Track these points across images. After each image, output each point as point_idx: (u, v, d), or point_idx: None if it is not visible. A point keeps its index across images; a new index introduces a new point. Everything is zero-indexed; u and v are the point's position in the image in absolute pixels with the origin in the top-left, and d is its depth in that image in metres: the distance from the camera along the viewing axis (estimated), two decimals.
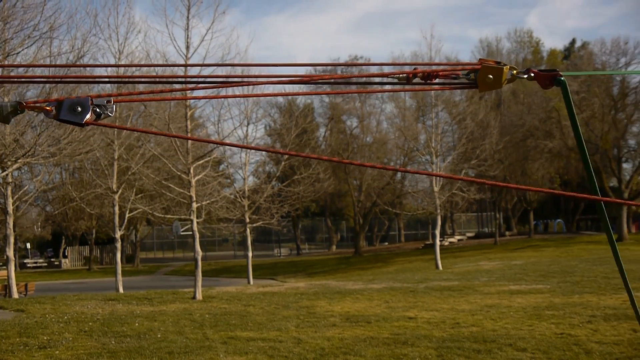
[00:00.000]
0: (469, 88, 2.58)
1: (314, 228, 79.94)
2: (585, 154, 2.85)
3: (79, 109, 2.30)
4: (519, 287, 21.00)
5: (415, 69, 2.58)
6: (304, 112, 46.02)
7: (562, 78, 2.56)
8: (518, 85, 58.06)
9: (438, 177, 37.32)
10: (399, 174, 59.37)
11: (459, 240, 62.05)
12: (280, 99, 59.63)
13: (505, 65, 2.52)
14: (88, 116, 2.30)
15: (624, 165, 54.75)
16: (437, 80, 2.57)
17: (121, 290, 26.06)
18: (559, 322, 13.31)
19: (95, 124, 2.38)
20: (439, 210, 37.42)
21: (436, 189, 37.06)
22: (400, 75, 2.56)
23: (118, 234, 26.98)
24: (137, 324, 15.06)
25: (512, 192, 61.08)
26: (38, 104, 2.35)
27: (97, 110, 2.34)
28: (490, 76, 2.50)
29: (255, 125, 34.58)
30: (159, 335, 13.41)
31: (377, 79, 2.74)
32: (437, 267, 34.81)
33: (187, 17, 23.13)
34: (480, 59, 2.54)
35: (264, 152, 52.51)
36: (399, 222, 73.58)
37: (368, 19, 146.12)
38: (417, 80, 2.58)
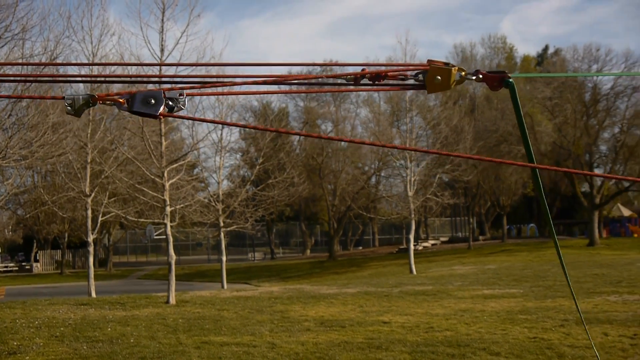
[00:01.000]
0: (418, 89, 2.58)
1: (288, 232, 79.94)
2: (526, 136, 2.95)
3: (153, 101, 2.36)
4: (493, 291, 21.09)
5: (363, 69, 2.57)
6: (278, 116, 46.09)
7: (511, 80, 2.56)
8: (490, 91, 58.34)
9: (412, 182, 37.40)
10: (373, 179, 59.49)
11: (432, 244, 62.33)
12: (255, 102, 59.59)
13: (453, 66, 2.52)
14: (162, 109, 2.36)
15: (596, 171, 55.29)
16: (385, 81, 2.56)
17: (94, 294, 25.83)
18: (532, 326, 13.38)
19: (169, 115, 2.43)
20: (413, 215, 37.50)
21: (410, 193, 37.13)
22: (348, 76, 2.55)
23: (91, 238, 26.75)
24: (109, 329, 14.93)
25: (486, 196, 61.47)
26: (110, 97, 2.39)
27: (170, 103, 2.40)
28: (439, 77, 2.50)
29: (230, 129, 34.48)
30: (131, 340, 13.30)
31: (329, 80, 2.73)
32: (411, 271, 34.88)
33: (162, 19, 23.00)
34: (428, 60, 2.54)
35: (238, 156, 52.42)
36: (373, 227, 73.75)
37: (344, 23, 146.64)
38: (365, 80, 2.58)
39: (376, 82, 2.56)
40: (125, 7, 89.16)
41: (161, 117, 2.38)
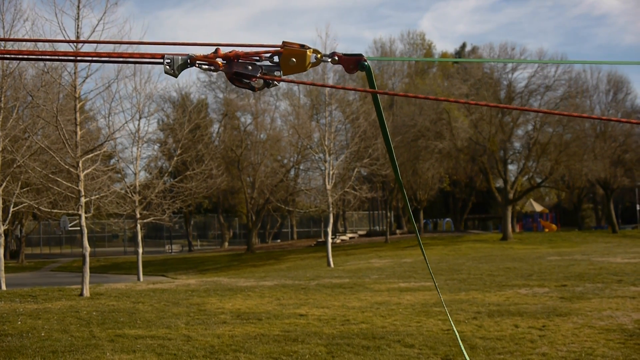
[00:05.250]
0: (274, 70, 2.60)
1: (206, 224, 79.46)
2: (384, 126, 3.01)
3: (250, 67, 2.48)
4: (408, 284, 21.38)
5: (217, 49, 2.57)
6: (197, 108, 45.55)
7: (366, 63, 2.61)
8: (410, 87, 59.25)
9: (331, 176, 37.55)
10: (292, 172, 59.53)
11: (350, 238, 62.76)
12: (174, 93, 59.06)
13: (308, 48, 2.54)
14: (259, 72, 2.48)
15: (510, 167, 56.81)
16: (240, 62, 2.58)
17: (4, 287, 25.13)
18: (445, 319, 13.62)
19: (268, 78, 2.53)
20: (331, 208, 37.67)
21: (329, 187, 37.28)
22: (201, 55, 2.56)
23: (1, 229, 25.96)
24: (19, 322, 14.56)
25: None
26: (208, 59, 2.48)
27: (267, 81, 2.54)
28: (294, 59, 2.54)
29: (148, 120, 33.94)
30: (42, 334, 13.01)
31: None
32: (328, 264, 35.04)
33: (78, 6, 22.46)
34: (283, 42, 2.56)
35: (155, 147, 51.72)
36: (292, 220, 73.93)
37: (264, 16, 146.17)
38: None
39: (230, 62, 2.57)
40: None
41: (260, 78, 2.49)
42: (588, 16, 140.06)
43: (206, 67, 2.50)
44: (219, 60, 2.47)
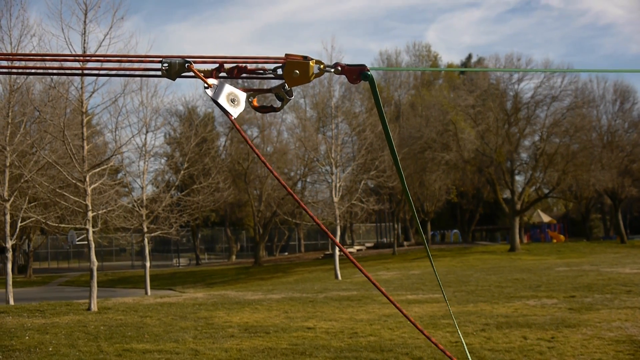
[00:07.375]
0: (279, 79, 2.59)
1: (214, 238, 79.43)
2: (389, 137, 2.99)
3: (235, 101, 2.43)
4: (416, 296, 21.32)
5: (220, 65, 2.57)
6: (204, 121, 45.62)
7: (369, 73, 2.60)
8: (417, 98, 59.28)
9: (338, 188, 37.53)
10: (299, 185, 59.46)
11: (358, 250, 62.62)
12: (180, 107, 59.15)
13: (311, 59, 2.54)
14: (240, 112, 2.44)
15: (517, 178, 56.73)
16: (244, 75, 2.57)
17: (12, 302, 25.15)
18: (454, 331, 13.56)
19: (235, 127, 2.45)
20: (338, 221, 37.61)
21: (336, 199, 37.25)
22: (205, 70, 2.56)
23: (9, 244, 26.02)
24: (27, 337, 14.56)
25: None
26: (202, 75, 2.45)
27: (278, 96, 2.54)
28: (297, 71, 2.53)
29: (155, 134, 34.08)
30: (50, 349, 12.99)
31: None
32: (336, 277, 34.98)
33: (84, 21, 22.57)
34: (286, 54, 2.56)
35: (162, 161, 51.78)
36: (299, 232, 73.88)
37: (270, 30, 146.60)
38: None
39: (233, 77, 2.57)
40: (46, 8, 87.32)
41: (233, 120, 2.42)
42: (594, 26, 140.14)
43: (201, 77, 2.49)
44: (210, 81, 2.45)
